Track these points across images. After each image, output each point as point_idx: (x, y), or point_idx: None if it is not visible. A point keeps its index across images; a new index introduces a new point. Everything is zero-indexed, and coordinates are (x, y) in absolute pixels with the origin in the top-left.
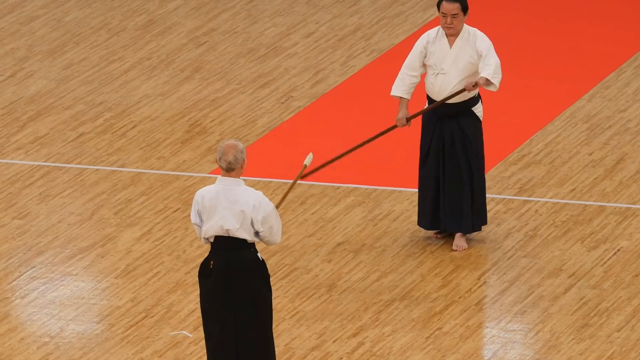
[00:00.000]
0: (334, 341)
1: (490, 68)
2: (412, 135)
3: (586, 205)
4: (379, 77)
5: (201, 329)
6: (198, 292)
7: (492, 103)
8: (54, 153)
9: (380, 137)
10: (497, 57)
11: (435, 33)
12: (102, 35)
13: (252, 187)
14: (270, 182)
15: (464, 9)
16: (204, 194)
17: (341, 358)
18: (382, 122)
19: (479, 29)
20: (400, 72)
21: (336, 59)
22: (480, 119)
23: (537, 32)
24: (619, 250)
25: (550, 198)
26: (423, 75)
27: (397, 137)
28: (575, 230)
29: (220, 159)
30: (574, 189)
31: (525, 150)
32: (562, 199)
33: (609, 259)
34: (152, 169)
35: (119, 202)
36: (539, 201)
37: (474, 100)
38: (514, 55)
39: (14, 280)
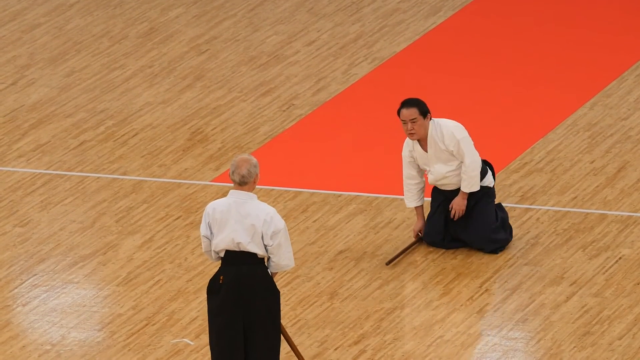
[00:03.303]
0: (335, 349)
1: (466, 180)
2: None
3: (587, 214)
4: (380, 85)
5: (202, 336)
6: (199, 299)
7: (493, 111)
8: (56, 161)
9: (381, 145)
10: (471, 154)
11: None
12: (103, 43)
13: (254, 193)
14: (272, 190)
15: (423, 113)
16: (215, 207)
17: None
18: (383, 130)
19: (450, 121)
20: (403, 183)
21: (338, 67)
22: (491, 186)
23: (539, 40)
24: (620, 258)
25: (552, 206)
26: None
27: (399, 145)
28: (576, 238)
29: (233, 172)
30: (575, 197)
31: (527, 158)
32: (563, 207)
33: (610, 267)
34: (153, 176)
35: (121, 210)
36: (540, 209)
37: (482, 173)
38: (515, 63)
39: (16, 288)
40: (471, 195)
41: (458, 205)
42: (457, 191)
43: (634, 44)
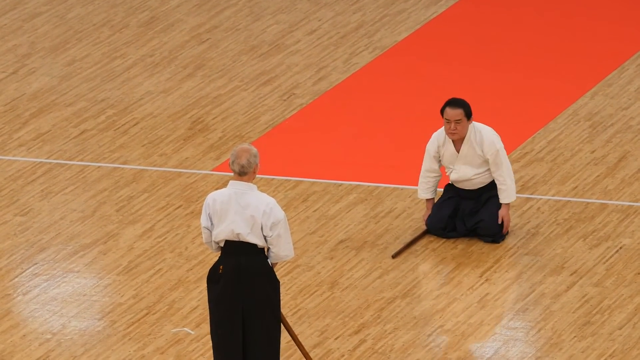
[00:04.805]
0: (335, 338)
1: (506, 190)
2: (415, 133)
3: (588, 203)
4: (381, 74)
5: (203, 325)
6: (200, 289)
7: (495, 101)
8: (56, 150)
9: (382, 134)
10: (506, 164)
11: (444, 136)
12: (104, 32)
13: (254, 184)
14: (273, 179)
15: (468, 115)
16: (215, 198)
17: (343, 355)
18: (384, 120)
19: (485, 126)
20: (421, 174)
21: (338, 56)
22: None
23: (540, 30)
24: (621, 248)
25: (553, 196)
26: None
27: (399, 134)
28: (577, 228)
29: (233, 162)
30: (576, 187)
31: (528, 147)
32: (564, 196)
33: (611, 257)
34: (154, 166)
35: (121, 199)
36: (541, 199)
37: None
38: (516, 52)
39: (16, 277)
40: (485, 189)
41: (507, 218)
42: (472, 191)
43: (634, 33)
